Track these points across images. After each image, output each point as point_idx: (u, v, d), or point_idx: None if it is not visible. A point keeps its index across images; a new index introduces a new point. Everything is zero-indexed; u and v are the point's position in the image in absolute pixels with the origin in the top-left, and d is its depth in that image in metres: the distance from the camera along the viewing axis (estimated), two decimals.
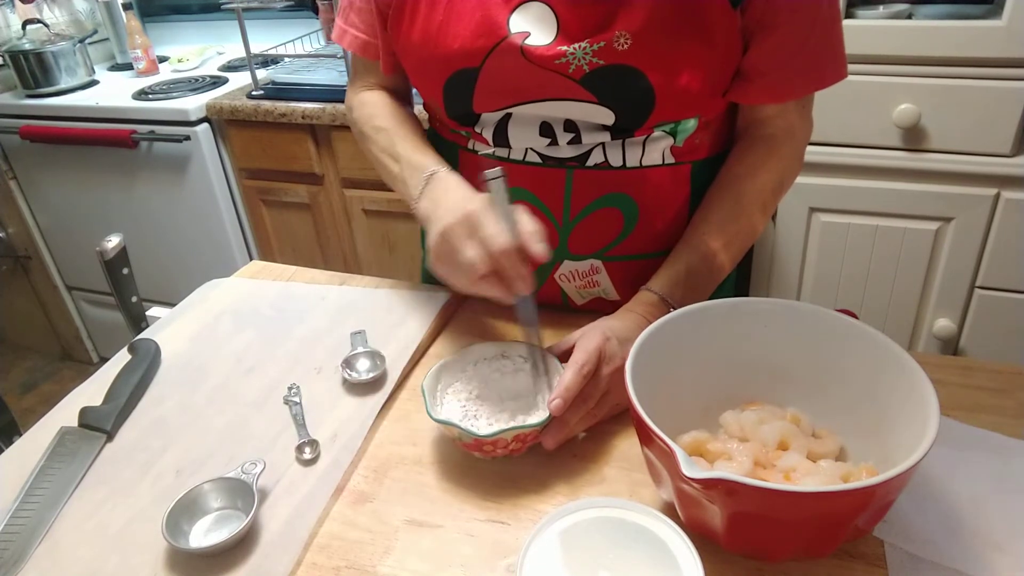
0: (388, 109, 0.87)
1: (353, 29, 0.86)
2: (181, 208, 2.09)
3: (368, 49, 0.85)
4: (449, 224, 0.65)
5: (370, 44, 0.85)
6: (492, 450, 0.64)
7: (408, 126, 0.84)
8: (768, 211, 0.81)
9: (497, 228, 0.63)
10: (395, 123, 0.84)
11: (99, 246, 0.82)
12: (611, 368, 0.68)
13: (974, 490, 0.60)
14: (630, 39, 0.69)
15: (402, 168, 0.79)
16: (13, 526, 0.62)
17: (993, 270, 1.42)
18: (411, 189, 0.76)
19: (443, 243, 0.66)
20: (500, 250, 0.62)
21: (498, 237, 0.62)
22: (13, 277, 2.51)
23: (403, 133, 0.83)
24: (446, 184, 0.73)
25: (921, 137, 1.39)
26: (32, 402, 2.47)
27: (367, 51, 0.86)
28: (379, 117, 0.86)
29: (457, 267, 0.65)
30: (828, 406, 0.63)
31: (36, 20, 2.24)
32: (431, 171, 0.75)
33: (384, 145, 0.83)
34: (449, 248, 0.65)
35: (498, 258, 0.63)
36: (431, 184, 0.74)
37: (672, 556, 0.50)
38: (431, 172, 0.75)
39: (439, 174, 0.74)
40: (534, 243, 0.63)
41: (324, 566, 0.59)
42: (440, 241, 0.66)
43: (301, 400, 0.75)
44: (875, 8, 1.44)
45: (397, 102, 0.89)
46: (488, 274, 0.64)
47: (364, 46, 0.86)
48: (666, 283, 0.75)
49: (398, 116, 0.86)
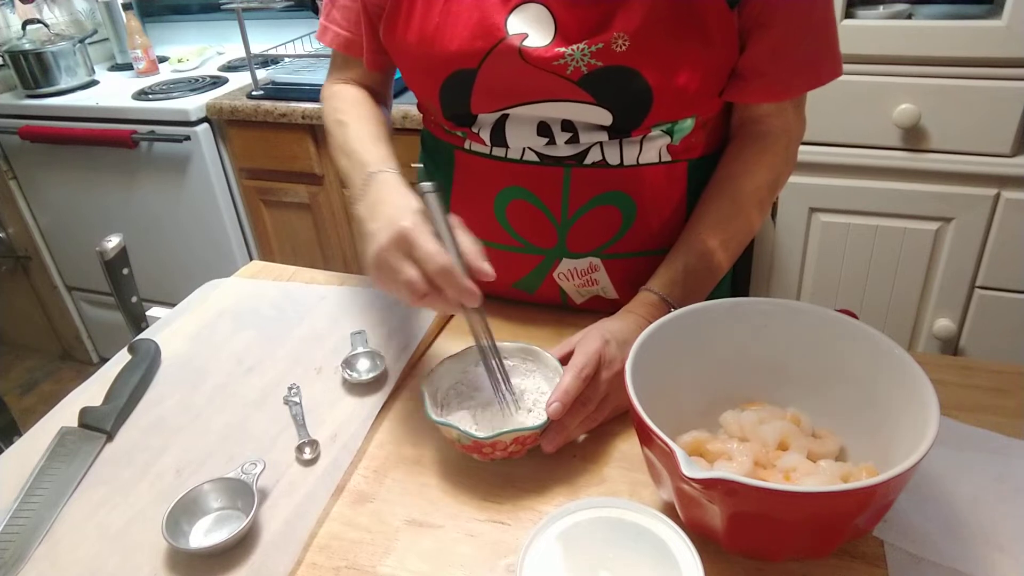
0: (354, 104, 0.85)
1: (335, 26, 0.86)
2: (181, 208, 2.09)
3: (351, 46, 0.85)
4: (383, 245, 0.62)
5: (352, 41, 0.85)
6: (491, 452, 0.64)
7: (369, 123, 0.81)
8: (764, 209, 0.82)
9: (433, 247, 0.60)
10: (356, 118, 0.82)
11: (99, 246, 0.82)
12: (611, 372, 0.67)
13: (974, 490, 0.60)
14: (628, 40, 0.69)
15: (351, 165, 0.76)
16: (13, 526, 0.62)
17: (993, 270, 1.42)
18: (353, 188, 0.74)
19: (379, 264, 0.63)
20: (437, 271, 0.60)
21: (435, 257, 0.60)
22: (13, 277, 2.51)
23: (361, 128, 0.80)
24: (383, 189, 0.69)
25: (921, 137, 1.39)
26: (32, 402, 2.47)
27: (349, 48, 0.85)
28: (343, 111, 0.83)
29: (396, 286, 0.63)
30: (828, 406, 0.63)
31: (36, 20, 2.24)
32: (373, 170, 0.71)
33: (340, 140, 0.80)
34: (386, 268, 0.63)
35: (436, 278, 0.61)
36: (370, 186, 0.70)
37: (672, 556, 0.50)
38: (372, 172, 0.71)
39: (379, 176, 0.70)
40: (478, 262, 0.62)
41: (324, 566, 0.59)
42: (376, 262, 0.63)
43: (301, 400, 0.75)
44: (875, 8, 1.44)
45: (368, 99, 0.87)
46: (429, 292, 0.62)
47: (347, 43, 0.85)
48: (665, 283, 0.76)
49: (362, 112, 0.83)
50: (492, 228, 0.83)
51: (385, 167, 0.72)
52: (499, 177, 0.80)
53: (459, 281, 0.61)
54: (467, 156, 0.82)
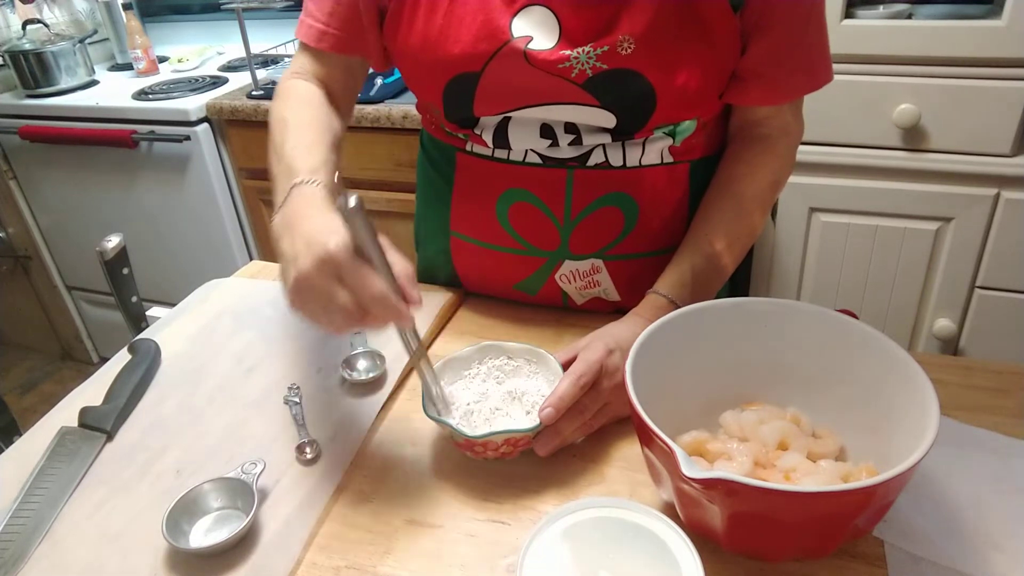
0: (304, 104, 0.78)
1: (309, 18, 0.80)
2: (181, 208, 2.09)
3: (323, 38, 0.79)
4: (307, 270, 0.56)
5: (326, 33, 0.79)
6: (483, 451, 0.64)
7: (312, 127, 0.75)
8: (767, 210, 0.82)
9: (365, 273, 0.56)
10: (297, 117, 0.75)
11: (99, 246, 0.82)
12: (612, 382, 0.67)
13: (974, 490, 0.60)
14: (634, 43, 0.68)
15: (279, 171, 0.69)
16: (13, 526, 0.62)
17: (993, 270, 1.42)
18: (277, 196, 0.67)
19: (303, 290, 0.57)
20: (372, 299, 0.55)
21: (370, 284, 0.55)
22: (13, 277, 2.51)
23: (300, 132, 0.73)
24: (303, 204, 0.62)
25: (921, 137, 1.39)
26: (32, 402, 2.47)
27: (321, 40, 0.80)
28: (289, 108, 0.78)
29: (322, 313, 0.58)
30: (828, 406, 0.63)
31: (36, 20, 2.24)
32: (298, 180, 0.64)
33: (277, 140, 0.73)
34: (312, 295, 0.57)
35: (371, 306, 0.56)
36: (291, 197, 0.64)
37: (672, 556, 0.50)
38: (297, 182, 0.64)
39: (302, 187, 0.64)
40: (410, 289, 0.58)
41: (324, 566, 0.59)
42: (298, 288, 0.57)
43: (301, 400, 0.75)
44: (875, 8, 1.44)
45: (321, 100, 0.80)
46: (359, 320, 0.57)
47: (320, 35, 0.80)
48: (673, 285, 0.75)
49: (306, 112, 0.77)
50: (494, 230, 0.83)
51: (313, 177, 0.65)
52: (501, 179, 0.80)
53: (395, 307, 0.57)
54: (469, 158, 0.82)
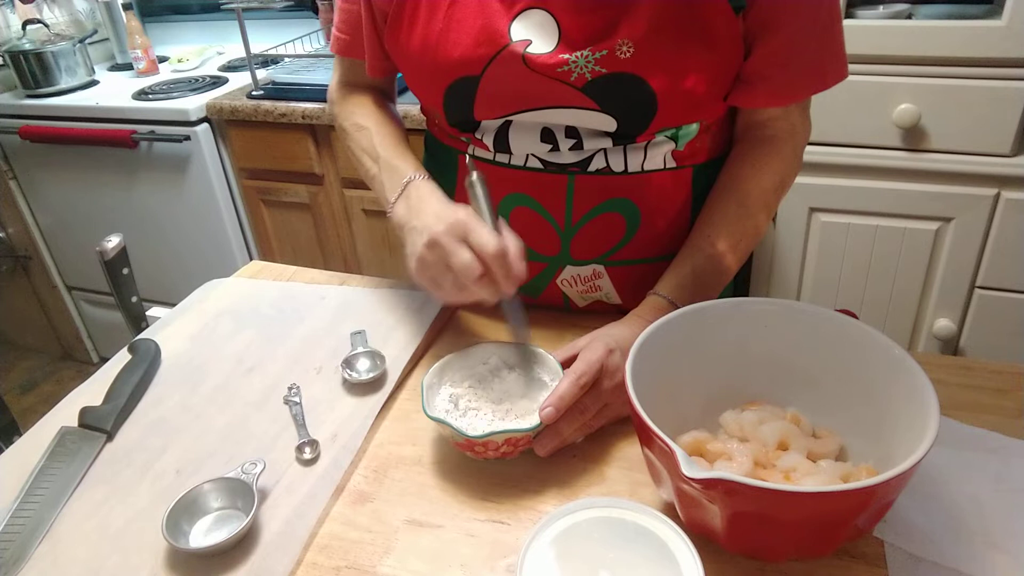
0: (370, 108, 0.87)
1: (336, 31, 0.87)
2: (181, 208, 2.09)
3: (352, 49, 0.86)
4: (438, 232, 0.65)
5: (350, 44, 0.86)
6: (483, 451, 0.64)
7: (389, 127, 0.85)
8: (771, 211, 0.81)
9: (488, 232, 0.64)
10: (376, 123, 0.85)
11: (99, 246, 0.82)
12: (613, 383, 0.67)
13: (974, 490, 0.60)
14: (633, 47, 0.68)
15: (380, 170, 0.80)
16: (13, 526, 0.62)
17: (993, 270, 1.42)
18: (387, 192, 0.77)
19: (432, 250, 0.66)
20: (493, 253, 0.63)
21: (491, 241, 0.63)
22: (13, 277, 2.51)
23: (384, 134, 0.83)
24: (423, 191, 0.73)
25: (921, 137, 1.39)
26: (32, 402, 2.47)
27: (349, 51, 0.87)
28: (360, 115, 0.86)
29: (445, 273, 0.66)
30: (828, 406, 0.63)
31: (36, 20, 2.24)
32: (409, 177, 0.76)
33: (364, 144, 0.84)
34: (440, 254, 0.65)
35: (491, 262, 0.63)
36: (408, 190, 0.75)
37: (672, 556, 0.50)
38: (409, 178, 0.76)
39: (416, 181, 0.75)
40: (519, 262, 0.64)
41: (324, 566, 0.59)
42: (428, 249, 0.66)
43: (301, 400, 0.75)
44: (875, 8, 1.44)
45: (380, 101, 0.90)
46: (482, 276, 0.64)
47: (346, 46, 0.87)
48: (674, 286, 0.75)
49: (379, 116, 0.86)
50: None
51: (420, 173, 0.77)
52: (502, 184, 0.80)
53: (513, 265, 0.64)
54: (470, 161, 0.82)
